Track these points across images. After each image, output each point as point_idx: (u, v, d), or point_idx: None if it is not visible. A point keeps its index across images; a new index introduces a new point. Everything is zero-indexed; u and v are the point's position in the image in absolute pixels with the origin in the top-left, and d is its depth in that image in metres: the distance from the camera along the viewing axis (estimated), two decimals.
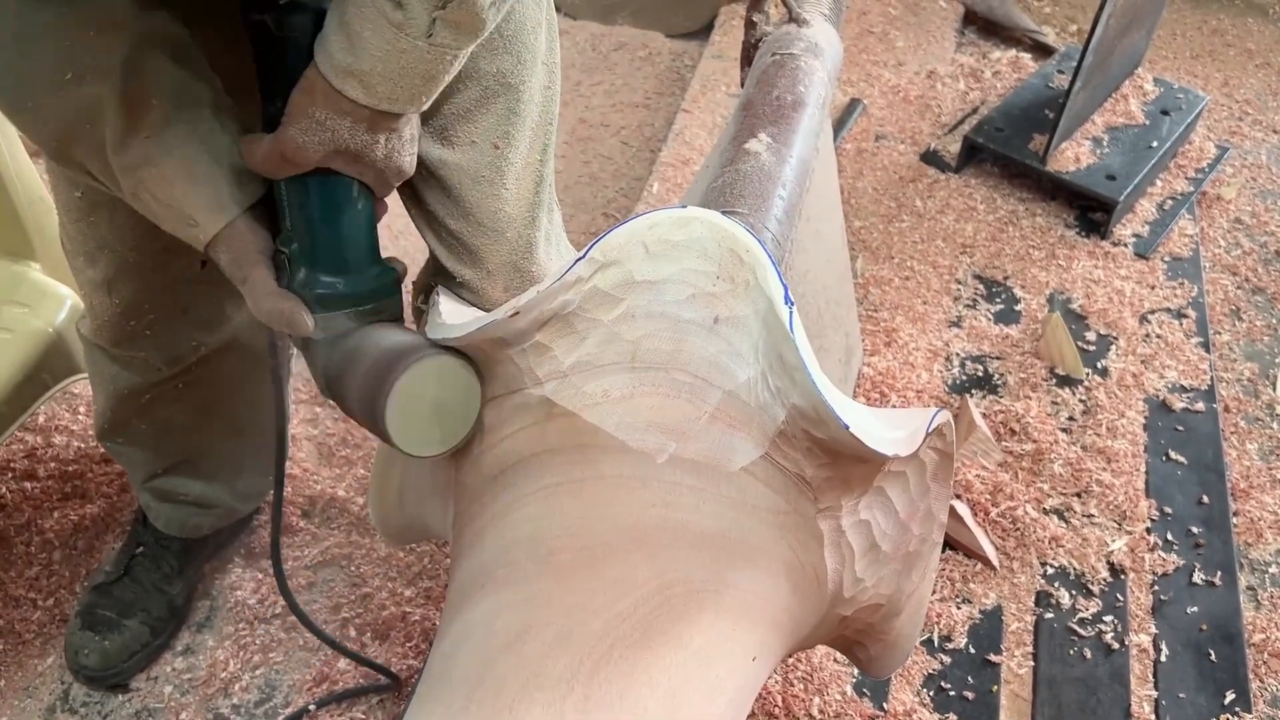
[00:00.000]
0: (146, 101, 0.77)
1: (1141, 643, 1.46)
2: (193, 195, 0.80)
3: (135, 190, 0.80)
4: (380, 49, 0.73)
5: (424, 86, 0.77)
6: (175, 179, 0.79)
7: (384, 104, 0.76)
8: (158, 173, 0.79)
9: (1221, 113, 2.50)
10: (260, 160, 0.80)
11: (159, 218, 0.82)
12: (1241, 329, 1.97)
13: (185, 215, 0.80)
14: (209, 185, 0.81)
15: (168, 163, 0.79)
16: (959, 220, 2.13)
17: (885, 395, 1.76)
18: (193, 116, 0.80)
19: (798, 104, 1.21)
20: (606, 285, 0.75)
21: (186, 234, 0.82)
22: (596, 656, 0.68)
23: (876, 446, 0.72)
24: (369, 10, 0.71)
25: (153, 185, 0.79)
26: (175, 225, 0.82)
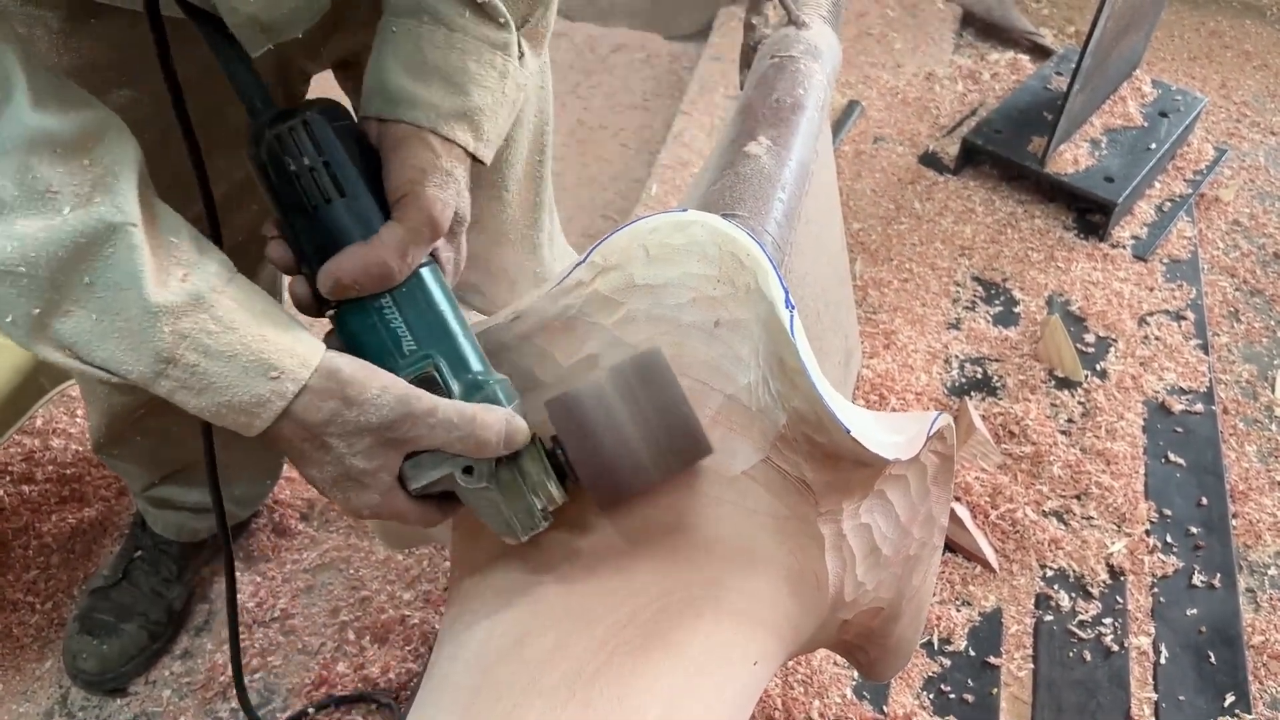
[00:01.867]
0: (166, 240, 0.61)
1: (1141, 645, 1.46)
2: (271, 333, 0.62)
3: (172, 351, 0.60)
4: (490, 79, 0.68)
5: (507, 123, 0.73)
6: (238, 319, 0.61)
7: (484, 147, 0.70)
8: (209, 317, 0.60)
9: (1220, 114, 2.50)
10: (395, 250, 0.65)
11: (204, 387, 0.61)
12: (1240, 331, 1.97)
13: (259, 363, 0.61)
14: (280, 322, 0.64)
15: (221, 301, 0.61)
16: (957, 222, 2.13)
17: (884, 398, 1.75)
18: (220, 258, 0.64)
19: (797, 107, 1.20)
20: (607, 289, 0.74)
21: (256, 392, 0.62)
22: (597, 663, 0.67)
23: (877, 450, 0.72)
24: (469, 43, 0.67)
25: (204, 335, 0.60)
26: (237, 388, 0.61)
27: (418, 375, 0.68)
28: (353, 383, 0.63)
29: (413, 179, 0.66)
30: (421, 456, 0.68)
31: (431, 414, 0.65)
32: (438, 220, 0.67)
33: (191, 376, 0.60)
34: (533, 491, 0.70)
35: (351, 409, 0.63)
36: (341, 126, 0.68)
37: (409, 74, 0.67)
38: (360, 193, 0.67)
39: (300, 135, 0.66)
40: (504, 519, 0.70)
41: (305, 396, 0.63)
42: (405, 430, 0.65)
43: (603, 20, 2.77)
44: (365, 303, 0.68)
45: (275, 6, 0.68)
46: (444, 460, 0.68)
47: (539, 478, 0.70)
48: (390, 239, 0.65)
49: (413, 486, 0.69)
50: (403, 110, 0.67)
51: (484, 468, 0.69)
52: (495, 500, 0.70)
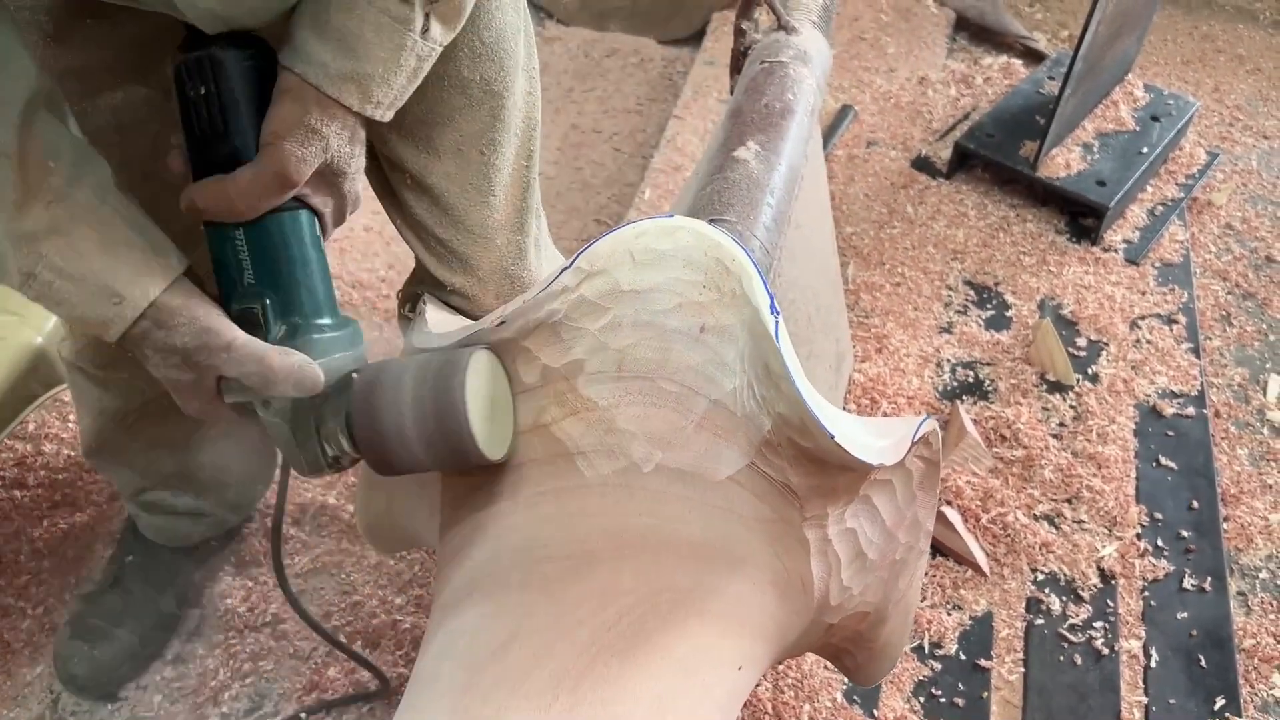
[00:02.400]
0: (43, 164, 0.68)
1: (1132, 649, 1.47)
2: (116, 263, 0.70)
3: (31, 268, 0.68)
4: (384, 48, 0.72)
5: (407, 87, 0.77)
6: (88, 248, 0.69)
7: (373, 109, 0.75)
8: (65, 243, 0.68)
9: (1212, 118, 2.51)
10: (243, 192, 0.72)
11: (59, 302, 0.70)
12: (1232, 334, 1.98)
13: (103, 289, 0.69)
14: (133, 252, 0.71)
15: (77, 229, 0.68)
16: (950, 226, 2.14)
17: (876, 401, 1.76)
18: (98, 183, 0.71)
19: (786, 111, 1.21)
20: (593, 294, 0.75)
21: (100, 315, 0.70)
22: (582, 665, 0.67)
23: (862, 455, 0.72)
24: (368, 10, 0.70)
25: (58, 257, 0.68)
26: (86, 306, 0.70)
27: (243, 309, 0.75)
28: (165, 308, 0.72)
29: (276, 131, 0.71)
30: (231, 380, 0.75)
31: (227, 349, 0.73)
32: (288, 174, 0.72)
33: (49, 290, 0.69)
34: (325, 439, 0.76)
35: (160, 330, 0.72)
36: (250, 66, 0.74)
37: (313, 30, 0.71)
38: (241, 131, 0.73)
39: (203, 66, 0.73)
40: (292, 454, 0.78)
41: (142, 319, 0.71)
42: (204, 358, 0.73)
43: (597, 25, 2.77)
44: (221, 230, 0.75)
45: (235, 3, 0.71)
46: (247, 389, 0.75)
47: (334, 430, 0.76)
48: (241, 180, 0.72)
49: (226, 399, 0.77)
50: (297, 62, 0.72)
51: (282, 404, 0.76)
52: (286, 435, 0.77)
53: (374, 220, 2.11)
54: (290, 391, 0.74)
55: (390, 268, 2.01)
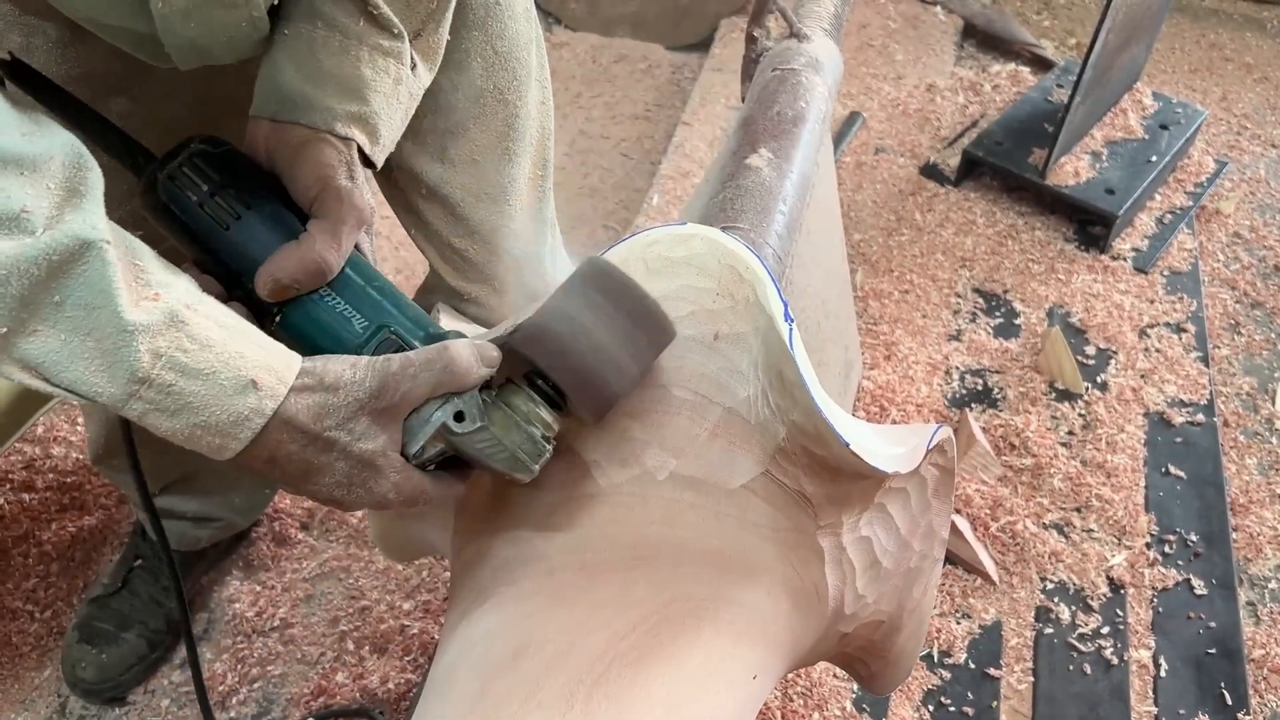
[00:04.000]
0: (134, 263, 0.60)
1: (1141, 658, 1.46)
2: (243, 350, 0.61)
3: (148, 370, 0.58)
4: (385, 85, 0.71)
5: (401, 127, 0.76)
6: (211, 339, 0.60)
7: (378, 152, 0.73)
8: (185, 335, 0.59)
9: (1220, 127, 2.50)
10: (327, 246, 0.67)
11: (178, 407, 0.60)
12: (1240, 343, 1.97)
13: (236, 380, 0.60)
14: (252, 335, 0.63)
15: (194, 320, 0.60)
16: (958, 234, 2.13)
17: (885, 409, 1.75)
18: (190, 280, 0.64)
19: (798, 119, 1.21)
20: None
21: (234, 411, 0.61)
22: (595, 674, 0.67)
23: (877, 464, 0.72)
24: (361, 51, 0.70)
25: (179, 352, 0.59)
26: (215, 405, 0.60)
27: (379, 345, 0.70)
28: (326, 372, 0.63)
29: (323, 176, 0.68)
30: (410, 422, 0.68)
31: (408, 364, 0.65)
32: (360, 207, 0.69)
33: (166, 397, 0.59)
34: (527, 422, 0.70)
35: (336, 394, 0.63)
36: (224, 152, 0.71)
37: (304, 78, 0.69)
38: (266, 200, 0.70)
39: (193, 166, 0.70)
40: (509, 455, 0.70)
41: (290, 400, 0.62)
42: (392, 392, 0.65)
43: (605, 31, 2.78)
44: (305, 299, 0.70)
45: (213, 34, 0.70)
46: (432, 414, 0.68)
47: (528, 407, 0.70)
48: (320, 233, 0.67)
49: (411, 450, 0.69)
50: (299, 113, 0.69)
51: (473, 408, 0.69)
52: (493, 439, 0.70)
53: (382, 225, 2.11)
54: (482, 371, 0.68)
55: (399, 273, 2.01)
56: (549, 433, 0.71)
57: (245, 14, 0.69)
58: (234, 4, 0.69)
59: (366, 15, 0.70)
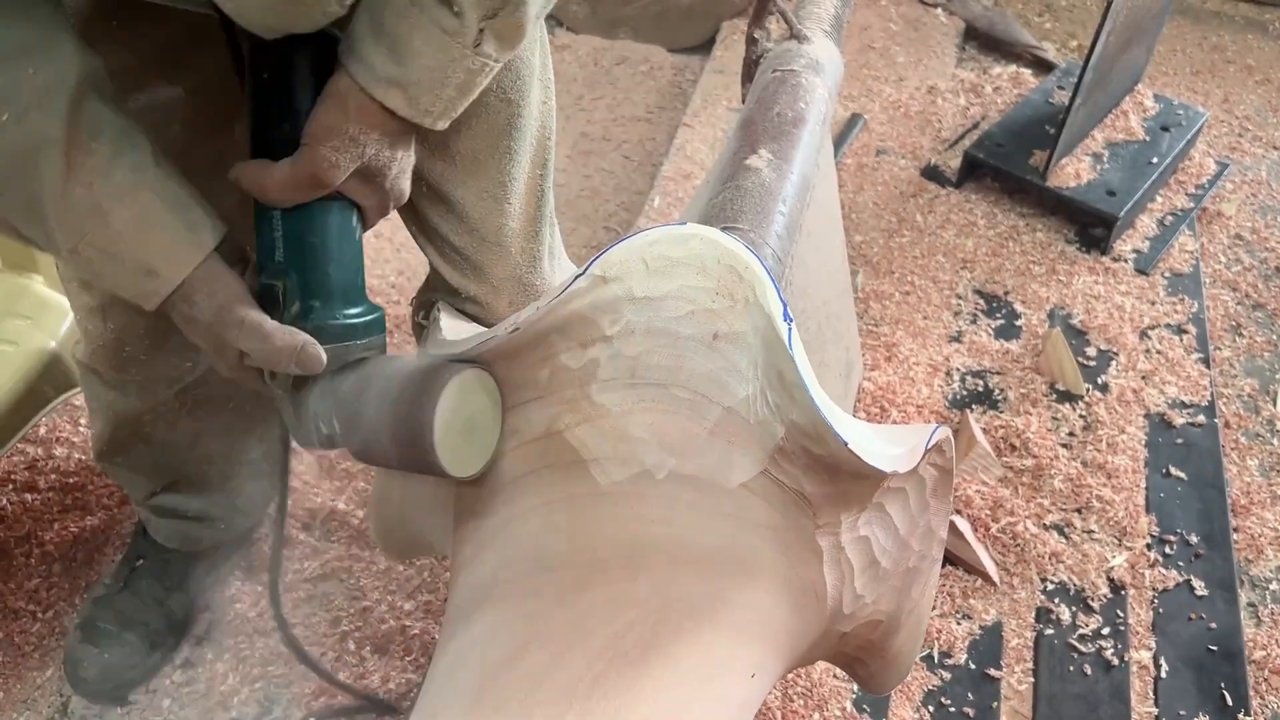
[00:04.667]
0: (86, 146, 0.72)
1: (1142, 659, 1.46)
2: (150, 242, 0.75)
3: (75, 245, 0.74)
4: (432, 57, 0.73)
5: (459, 99, 0.77)
6: (126, 228, 0.74)
7: (421, 116, 0.76)
8: (104, 222, 0.73)
9: (1221, 129, 2.50)
10: (278, 185, 0.76)
11: (102, 275, 0.77)
12: (1242, 345, 1.97)
13: (141, 265, 0.75)
14: (167, 231, 0.76)
15: (116, 210, 0.73)
16: (959, 235, 2.14)
17: (885, 410, 1.76)
18: (137, 163, 0.75)
19: (798, 120, 1.21)
20: (606, 301, 0.75)
21: (139, 289, 0.76)
22: (595, 673, 0.68)
23: (876, 463, 0.72)
24: (420, 18, 0.71)
25: (99, 237, 0.74)
26: (126, 280, 0.76)
27: (266, 285, 0.79)
28: (190, 283, 0.77)
29: (315, 135, 0.74)
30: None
31: (239, 324, 0.77)
32: (320, 176, 0.75)
33: (92, 265, 0.75)
34: (320, 417, 0.81)
35: (184, 304, 0.77)
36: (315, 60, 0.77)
37: (369, 30, 0.73)
38: (294, 123, 0.76)
39: (270, 53, 0.77)
40: (290, 422, 0.84)
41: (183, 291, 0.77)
42: (220, 330, 0.77)
43: (607, 33, 2.78)
44: (262, 206, 0.79)
45: (288, 23, 0.73)
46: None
47: (328, 408, 0.80)
48: (278, 172, 0.75)
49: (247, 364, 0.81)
50: (351, 61, 0.74)
51: (283, 378, 0.81)
52: (285, 407, 0.83)
53: (384, 226, 2.11)
54: (292, 369, 0.77)
55: (400, 274, 2.01)
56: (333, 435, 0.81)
57: (319, 10, 0.72)
58: (306, 2, 0.71)
59: None
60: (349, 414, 0.79)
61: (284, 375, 0.81)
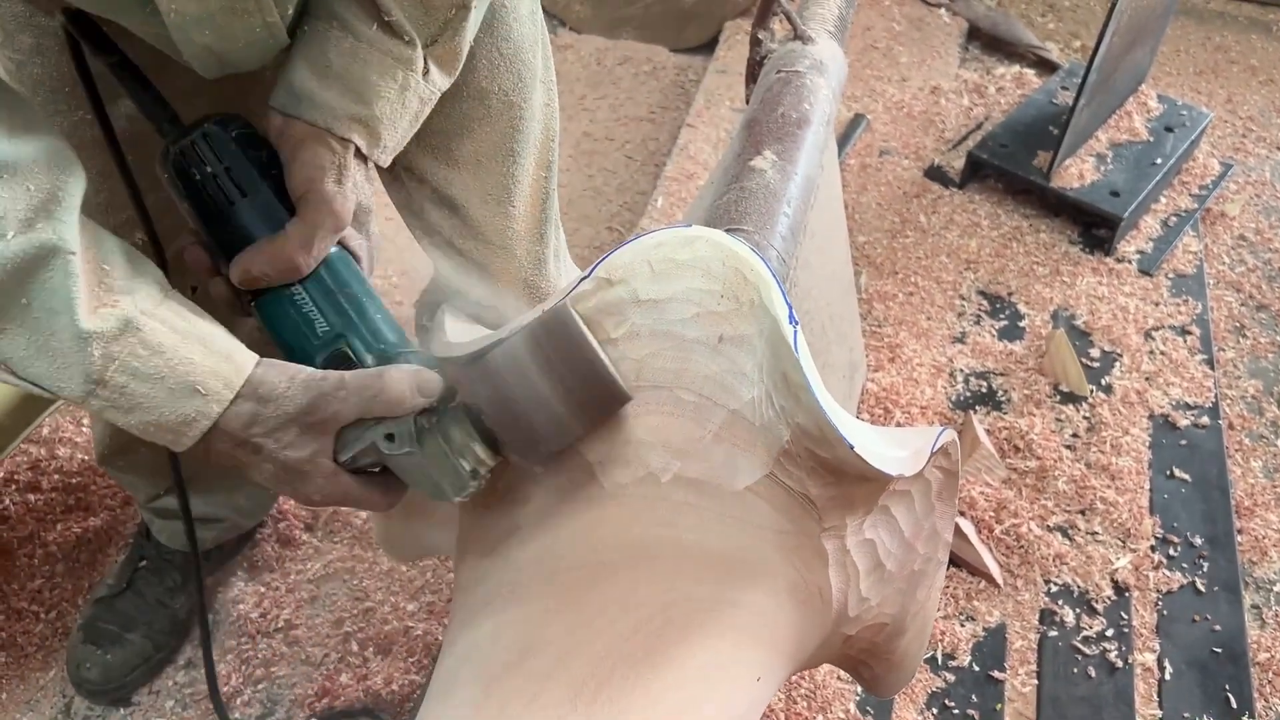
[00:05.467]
0: (100, 266, 0.64)
1: (1146, 661, 1.46)
2: (194, 357, 0.65)
3: (101, 372, 0.63)
4: (390, 90, 0.72)
5: (409, 131, 0.77)
6: (163, 344, 0.65)
7: (379, 152, 0.75)
8: (138, 340, 0.64)
9: (1225, 129, 2.50)
10: (300, 245, 0.70)
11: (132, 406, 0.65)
12: (1246, 346, 1.97)
13: (184, 384, 0.65)
14: (210, 343, 0.67)
15: (149, 326, 0.64)
16: (963, 236, 2.13)
17: (889, 411, 1.75)
18: (156, 280, 0.68)
19: (803, 121, 1.21)
20: (611, 304, 0.75)
21: (181, 412, 0.65)
22: (600, 676, 0.67)
23: (881, 466, 0.72)
24: (372, 54, 0.71)
25: (132, 357, 0.63)
26: (164, 406, 0.65)
27: (331, 353, 0.74)
28: (263, 382, 0.67)
29: (312, 177, 0.71)
30: (346, 431, 0.71)
31: (341, 387, 0.69)
32: (339, 214, 0.72)
33: (120, 397, 0.64)
34: (459, 454, 0.72)
35: (267, 406, 0.67)
36: (240, 135, 0.74)
37: (314, 75, 0.71)
38: (262, 191, 0.73)
39: (201, 146, 0.73)
40: (432, 482, 0.73)
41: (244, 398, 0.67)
42: (323, 410, 0.68)
43: (610, 34, 2.78)
44: (278, 292, 0.74)
45: (229, 40, 0.71)
46: (366, 430, 0.72)
47: (464, 441, 0.72)
48: (295, 233, 0.71)
49: (343, 458, 0.72)
50: (304, 109, 0.72)
51: (405, 432, 0.72)
52: (421, 464, 0.72)
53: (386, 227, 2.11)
54: (417, 401, 0.70)
55: (404, 275, 2.01)
56: (480, 467, 0.73)
57: (259, 20, 0.70)
58: (246, 10, 0.69)
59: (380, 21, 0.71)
60: (499, 411, 0.70)
61: (402, 434, 0.71)
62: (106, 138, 0.76)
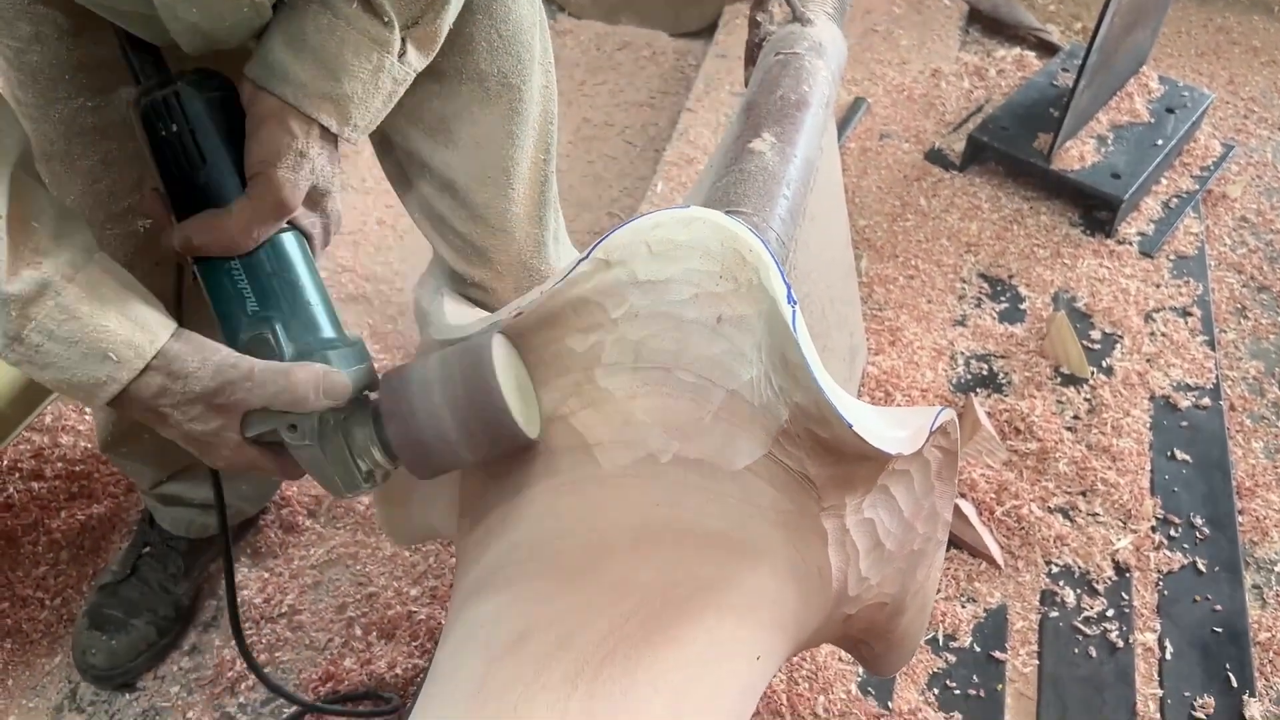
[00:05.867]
0: (29, 225, 0.66)
1: (1146, 641, 1.46)
2: (108, 323, 0.67)
3: (18, 330, 0.65)
4: (363, 70, 0.72)
5: (383, 111, 0.77)
6: (79, 309, 0.66)
7: (350, 131, 0.75)
8: (55, 304, 0.66)
9: (1227, 110, 2.49)
10: (242, 225, 0.71)
11: (46, 364, 0.67)
12: (1247, 327, 1.97)
13: (96, 350, 0.67)
14: (126, 310, 0.68)
15: (67, 291, 0.66)
16: (963, 219, 2.13)
17: (890, 394, 1.76)
18: (83, 243, 0.69)
19: (802, 103, 1.21)
20: (610, 285, 0.75)
21: (93, 375, 0.68)
22: (600, 656, 0.68)
23: (880, 445, 0.72)
24: (348, 32, 0.71)
25: (48, 319, 0.66)
26: (76, 369, 0.67)
27: (253, 336, 0.74)
28: (176, 358, 0.70)
29: (265, 159, 0.71)
30: (252, 414, 0.74)
31: (249, 377, 0.71)
32: (285, 201, 0.72)
33: (35, 354, 0.66)
34: (357, 455, 0.75)
35: (176, 382, 0.70)
36: (214, 97, 0.74)
37: (289, 49, 0.71)
38: (220, 161, 0.73)
39: (172, 102, 0.73)
40: (326, 476, 0.76)
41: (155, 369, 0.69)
42: (228, 395, 0.71)
43: (609, 18, 2.77)
44: (216, 263, 0.75)
45: (215, 18, 0.72)
46: (271, 417, 0.74)
47: (364, 443, 0.75)
48: (239, 213, 0.72)
49: (249, 434, 0.74)
50: (275, 83, 0.72)
51: (307, 426, 0.74)
52: (318, 458, 0.75)
53: (387, 214, 2.11)
54: (320, 403, 0.72)
55: (404, 261, 2.01)
56: (377, 470, 0.76)
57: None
58: None
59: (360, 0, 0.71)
60: (398, 426, 0.73)
61: (305, 428, 0.74)
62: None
